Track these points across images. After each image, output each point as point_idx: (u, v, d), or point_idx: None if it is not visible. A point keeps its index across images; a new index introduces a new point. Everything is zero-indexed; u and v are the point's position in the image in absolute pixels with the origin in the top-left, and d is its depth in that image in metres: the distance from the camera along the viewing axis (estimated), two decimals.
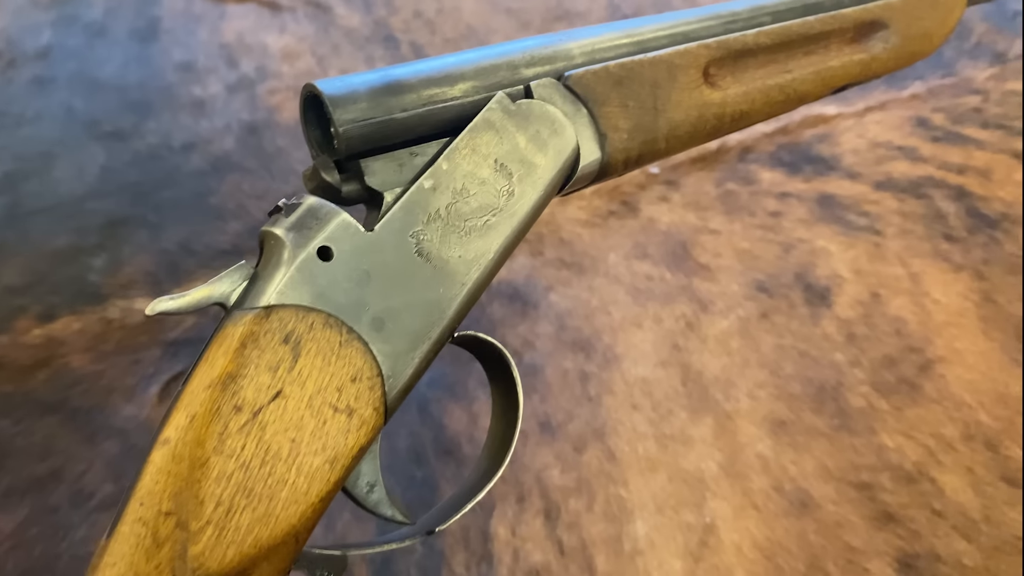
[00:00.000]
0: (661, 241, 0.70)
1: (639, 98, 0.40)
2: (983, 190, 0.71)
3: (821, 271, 0.67)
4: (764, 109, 0.44)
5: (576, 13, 0.87)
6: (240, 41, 0.86)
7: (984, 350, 0.63)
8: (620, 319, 0.66)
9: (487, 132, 0.36)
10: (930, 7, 0.48)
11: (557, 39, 0.40)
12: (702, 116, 0.42)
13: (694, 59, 0.41)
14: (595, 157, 0.39)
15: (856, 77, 0.47)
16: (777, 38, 0.44)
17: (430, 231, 0.33)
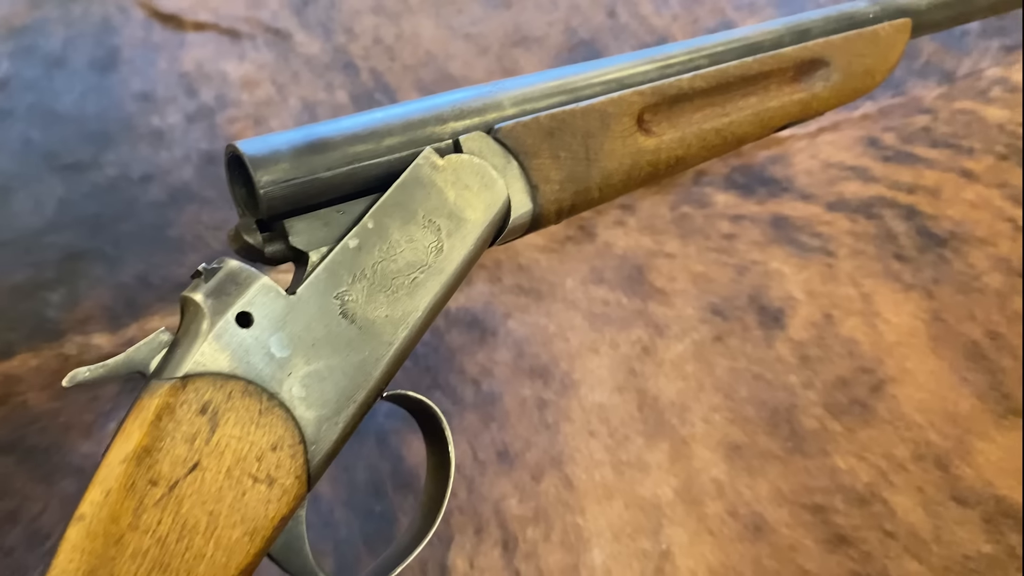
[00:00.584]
0: (617, 265, 0.70)
1: (571, 148, 0.39)
2: (933, 209, 0.71)
3: (775, 293, 0.67)
4: (701, 153, 0.44)
5: (534, 38, 0.87)
6: (200, 70, 0.85)
7: (934, 369, 0.63)
8: (577, 345, 0.65)
9: (415, 188, 0.35)
10: (871, 44, 0.48)
11: (488, 90, 0.39)
12: (636, 164, 0.41)
13: (627, 107, 0.41)
14: (527, 209, 0.38)
15: (796, 116, 0.46)
16: (714, 81, 0.43)
17: (355, 291, 0.33)
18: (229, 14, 0.91)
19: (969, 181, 0.73)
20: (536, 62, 0.85)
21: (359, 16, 0.90)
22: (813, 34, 0.46)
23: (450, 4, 0.91)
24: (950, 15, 0.52)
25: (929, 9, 0.50)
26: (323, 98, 0.83)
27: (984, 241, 0.69)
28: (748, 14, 0.87)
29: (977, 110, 0.77)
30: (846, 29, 0.47)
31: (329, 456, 0.31)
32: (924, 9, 0.50)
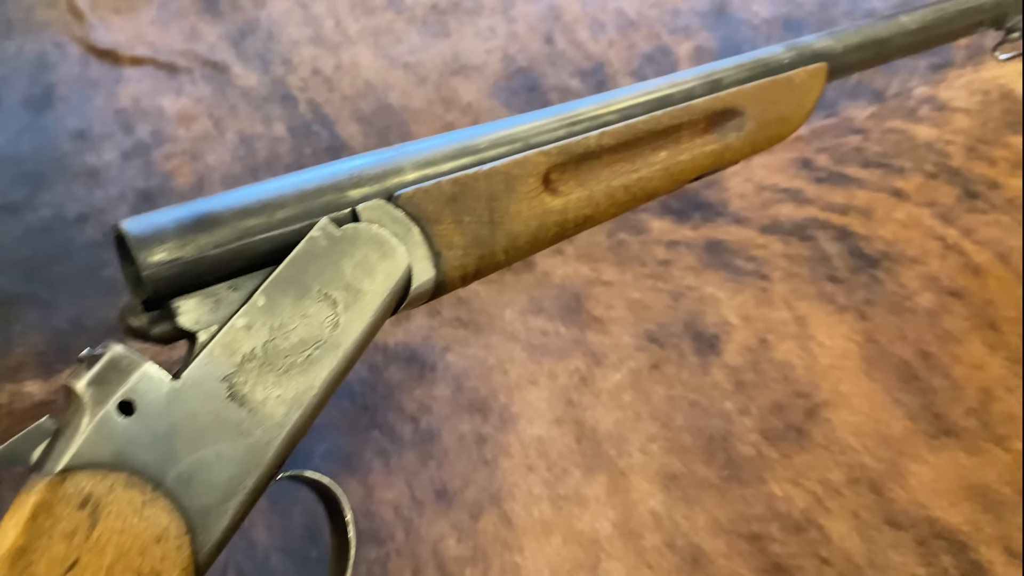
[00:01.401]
0: (556, 295, 0.69)
1: (475, 212, 0.38)
2: (865, 229, 0.71)
3: (710, 319, 0.67)
4: (610, 211, 0.42)
5: (472, 66, 0.86)
6: (136, 105, 0.83)
7: (867, 391, 0.62)
8: (516, 377, 0.64)
9: (309, 261, 0.33)
10: (786, 91, 0.46)
11: (389, 155, 0.38)
12: (543, 225, 0.40)
13: (533, 167, 0.39)
14: (429, 276, 0.37)
15: (709, 168, 0.45)
16: (622, 137, 0.42)
17: (245, 373, 0.31)
18: (167, 48, 0.89)
19: (900, 200, 0.73)
20: (475, 90, 0.84)
21: (297, 47, 0.89)
22: (725, 83, 0.45)
23: (389, 33, 0.90)
24: (866, 57, 0.51)
25: (845, 52, 0.49)
26: (260, 131, 0.81)
27: (915, 260, 0.69)
28: (683, 38, 0.87)
29: (907, 129, 0.78)
30: (760, 76, 0.46)
31: (219, 544, 0.30)
32: (840, 52, 0.49)
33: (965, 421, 0.61)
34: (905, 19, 0.52)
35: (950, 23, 0.54)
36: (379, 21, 0.91)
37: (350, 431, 0.62)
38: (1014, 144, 0.76)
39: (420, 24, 0.90)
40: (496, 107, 0.83)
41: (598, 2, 0.90)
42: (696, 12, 0.88)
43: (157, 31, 0.91)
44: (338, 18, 0.91)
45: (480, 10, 0.91)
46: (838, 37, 0.50)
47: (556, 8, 0.90)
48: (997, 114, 0.78)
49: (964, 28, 0.55)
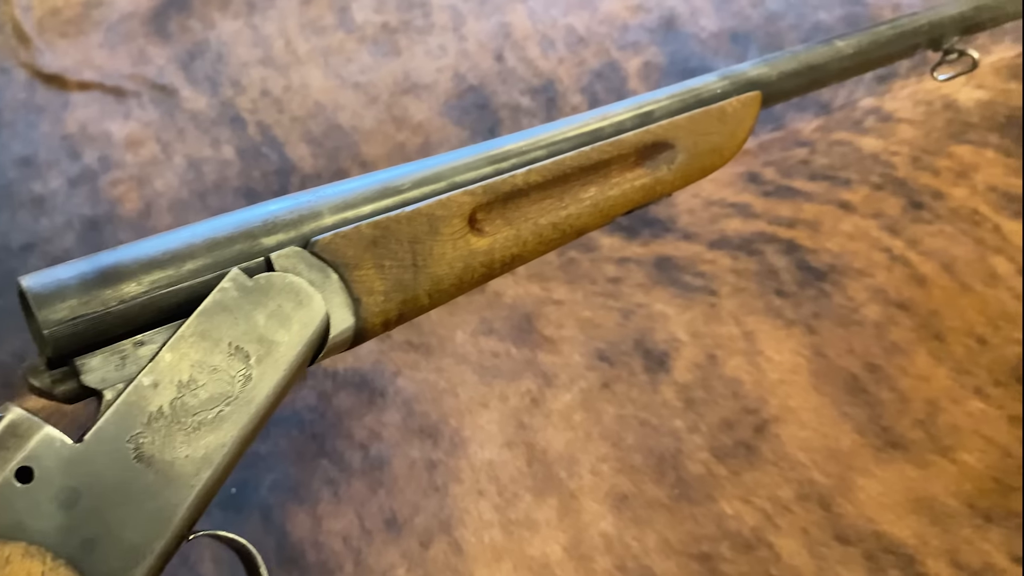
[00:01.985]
0: (507, 315, 0.68)
1: (397, 256, 0.37)
2: (812, 242, 0.70)
3: (659, 336, 0.66)
4: (538, 249, 0.41)
5: (423, 85, 0.85)
6: (83, 131, 0.82)
7: (816, 406, 0.62)
8: (467, 400, 0.63)
9: (219, 314, 0.32)
10: (719, 121, 0.45)
11: (306, 199, 0.36)
12: (468, 266, 0.39)
13: (458, 208, 0.38)
14: (348, 325, 0.35)
15: (639, 203, 0.44)
16: (550, 174, 0.41)
17: (151, 432, 0.29)
18: (114, 72, 0.87)
19: (847, 212, 0.72)
20: (426, 109, 0.83)
21: (247, 68, 0.87)
22: (657, 115, 0.44)
23: (339, 53, 0.88)
24: (801, 83, 0.50)
25: (780, 79, 0.48)
26: (209, 154, 0.80)
27: (862, 272, 0.69)
28: (632, 54, 0.86)
29: (853, 141, 0.77)
30: (693, 107, 0.45)
31: None
32: (774, 80, 0.48)
33: (912, 433, 0.60)
34: (841, 44, 0.51)
35: (887, 47, 0.53)
36: (329, 41, 0.89)
37: (298, 460, 0.60)
38: (957, 154, 0.76)
39: (370, 43, 0.89)
40: (447, 125, 0.82)
41: (548, 19, 0.90)
42: (645, 28, 0.88)
43: (105, 55, 0.89)
44: (288, 38, 0.90)
45: (431, 28, 0.90)
46: (772, 64, 0.49)
47: (506, 25, 0.89)
48: (940, 124, 0.78)
49: (901, 51, 0.54)
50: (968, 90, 0.81)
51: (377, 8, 0.92)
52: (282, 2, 0.93)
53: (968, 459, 0.59)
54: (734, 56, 0.85)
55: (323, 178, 0.78)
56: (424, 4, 0.92)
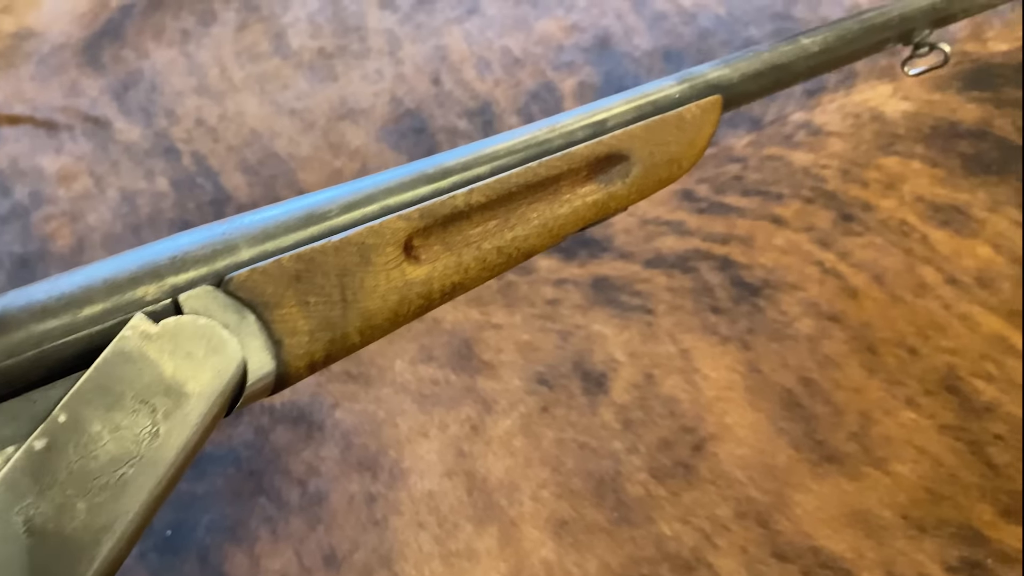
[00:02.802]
0: (446, 341, 0.66)
1: (323, 292, 0.33)
2: (746, 258, 0.70)
3: (597, 357, 0.65)
4: (482, 275, 0.37)
5: (360, 110, 0.83)
6: (14, 166, 0.79)
7: (752, 422, 0.61)
8: (407, 430, 0.62)
9: (121, 365, 0.28)
10: (676, 129, 0.41)
11: (221, 231, 0.32)
12: (404, 298, 0.35)
13: (391, 235, 0.34)
14: (268, 370, 0.31)
15: (591, 220, 0.40)
16: (494, 193, 0.37)
17: (45, 502, 0.26)
18: (46, 104, 0.85)
19: (779, 227, 0.72)
20: (363, 134, 0.82)
21: (181, 98, 0.85)
22: (610, 125, 0.40)
23: (275, 79, 0.86)
24: (765, 84, 0.46)
25: (742, 81, 0.44)
26: (143, 187, 0.78)
27: (795, 286, 0.68)
28: (568, 74, 0.85)
29: (784, 155, 0.77)
30: (649, 115, 0.41)
31: None
32: (736, 82, 0.44)
33: (846, 446, 0.60)
34: (806, 41, 0.47)
35: (855, 42, 0.49)
36: (265, 67, 0.87)
37: (235, 499, 0.59)
38: (885, 165, 0.76)
39: (307, 69, 0.87)
40: (384, 150, 0.80)
41: (484, 41, 0.89)
42: (579, 48, 0.87)
43: (36, 87, 0.86)
44: (223, 66, 0.88)
45: (367, 53, 0.88)
46: (734, 66, 0.45)
47: (443, 48, 0.88)
48: (869, 136, 0.78)
49: (870, 46, 0.50)
50: (894, 102, 0.81)
51: (313, 33, 0.90)
52: (217, 29, 0.91)
53: (901, 470, 0.59)
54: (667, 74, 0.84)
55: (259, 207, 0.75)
56: (360, 28, 0.90)
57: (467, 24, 0.90)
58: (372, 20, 0.91)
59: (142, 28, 0.92)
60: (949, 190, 0.74)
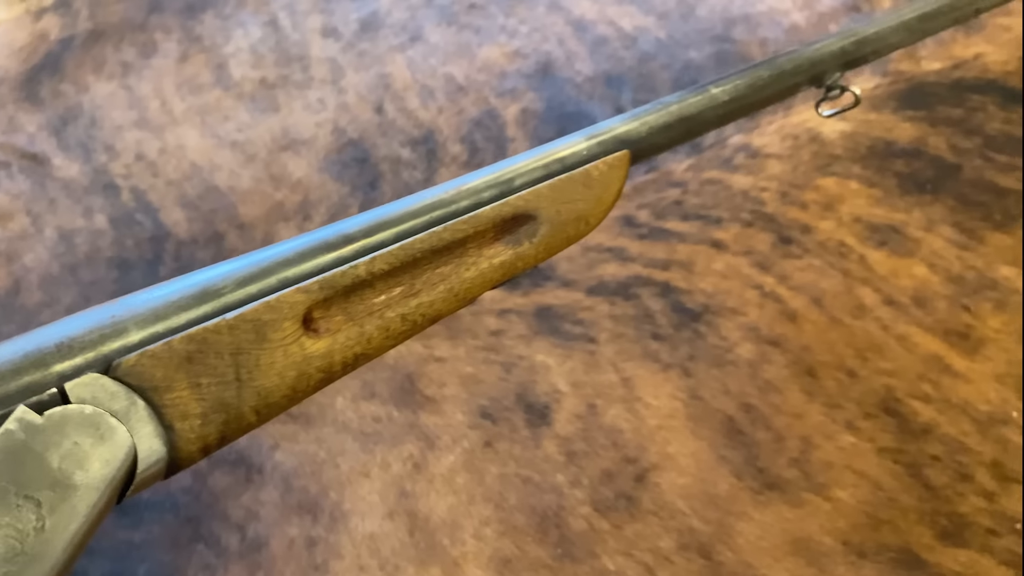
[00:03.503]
0: (388, 377, 0.65)
1: (217, 372, 0.31)
2: (686, 283, 0.69)
3: (541, 388, 0.64)
4: (386, 344, 0.36)
5: (302, 141, 0.81)
6: None
7: (694, 450, 0.61)
8: (348, 470, 0.60)
9: (5, 461, 0.27)
10: (584, 187, 0.40)
11: (109, 314, 0.31)
12: (303, 374, 0.33)
13: (289, 309, 0.33)
14: (159, 457, 0.30)
15: (498, 281, 0.39)
16: (398, 260, 0.35)
17: None
18: None
19: (719, 251, 0.71)
20: (305, 165, 0.80)
21: (121, 132, 0.83)
22: (518, 185, 0.39)
23: (216, 111, 0.84)
24: (674, 136, 0.45)
25: (650, 134, 0.43)
26: (81, 225, 0.75)
27: (735, 311, 0.68)
28: (511, 100, 0.84)
29: (724, 179, 0.77)
30: (557, 173, 0.40)
31: None
32: (644, 136, 0.43)
33: (787, 472, 0.59)
34: (716, 91, 0.46)
35: (766, 88, 0.48)
36: (206, 99, 0.85)
37: (173, 547, 0.56)
38: (823, 186, 0.75)
39: (248, 100, 0.85)
40: (327, 182, 0.78)
41: (427, 68, 0.87)
42: (522, 74, 0.86)
43: None
44: (164, 98, 0.85)
45: (310, 82, 0.86)
46: (642, 119, 0.44)
47: (386, 76, 0.87)
48: (807, 158, 0.78)
49: (782, 91, 0.49)
50: (832, 122, 0.81)
51: (255, 63, 0.88)
52: (158, 61, 0.89)
53: (841, 495, 0.58)
54: (609, 99, 0.83)
55: (199, 243, 0.74)
56: (303, 58, 0.89)
57: (410, 52, 0.89)
58: (315, 49, 0.89)
59: (82, 61, 0.89)
60: (886, 210, 0.74)
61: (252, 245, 0.73)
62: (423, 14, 0.92)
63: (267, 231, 0.74)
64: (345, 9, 0.93)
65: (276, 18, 0.92)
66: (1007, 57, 0.89)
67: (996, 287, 0.68)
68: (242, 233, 0.74)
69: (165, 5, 0.94)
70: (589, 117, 0.82)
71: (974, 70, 0.88)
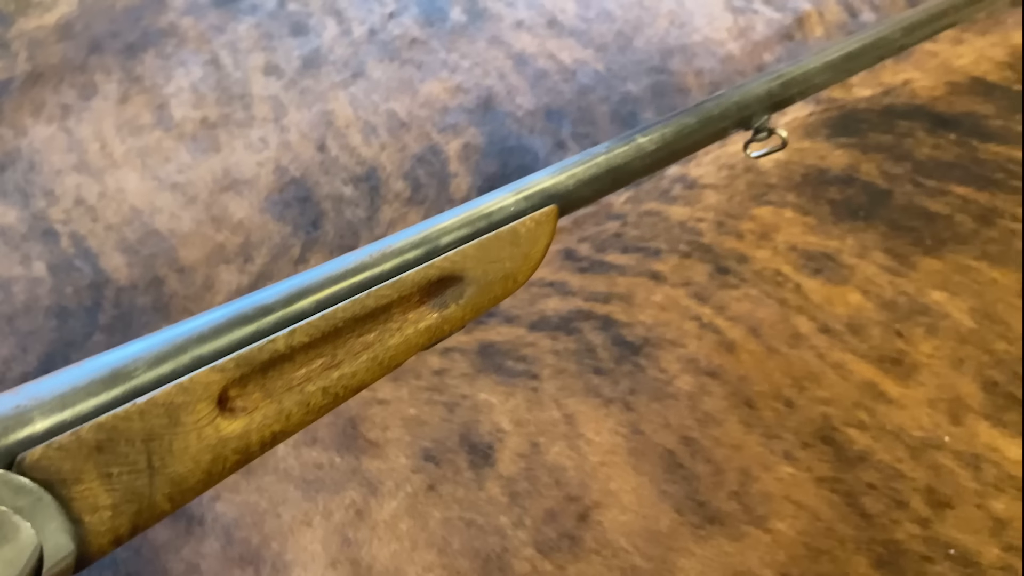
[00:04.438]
0: (331, 421, 0.63)
1: (128, 460, 0.29)
2: (626, 316, 0.69)
3: (484, 427, 0.63)
4: (306, 420, 0.34)
5: (244, 181, 0.80)
6: None
7: (635, 486, 0.60)
8: (290, 520, 0.58)
9: None
10: (511, 244, 0.39)
11: (11, 403, 0.28)
12: (218, 456, 0.31)
13: (204, 390, 0.31)
14: (66, 553, 0.28)
15: (424, 346, 0.37)
16: (319, 332, 0.33)
17: None
18: None
19: (658, 283, 0.71)
20: (247, 206, 0.78)
21: (60, 176, 0.80)
22: (444, 244, 0.37)
23: (157, 153, 0.82)
24: (602, 187, 0.44)
25: (577, 187, 0.43)
26: (19, 273, 0.73)
27: (674, 343, 0.67)
28: (452, 136, 0.83)
29: (662, 210, 0.76)
30: (484, 231, 0.39)
31: None
32: (572, 189, 0.42)
33: (727, 505, 0.59)
34: (643, 140, 0.45)
35: (694, 134, 0.47)
36: (147, 140, 0.83)
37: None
38: (759, 216, 0.75)
39: (189, 140, 0.83)
40: (268, 222, 0.77)
41: (370, 104, 0.86)
42: (464, 109, 0.85)
43: None
44: (104, 141, 0.83)
45: (251, 121, 0.85)
46: (569, 172, 0.43)
47: (328, 114, 0.85)
48: (743, 187, 0.78)
49: (710, 135, 0.49)
50: None
51: (196, 103, 0.86)
52: (98, 103, 0.87)
53: (780, 526, 0.58)
54: (549, 133, 0.83)
55: (138, 289, 0.72)
56: (245, 96, 0.87)
57: (352, 88, 0.88)
58: (256, 87, 0.88)
59: (20, 104, 0.87)
60: (820, 237, 0.74)
61: (192, 289, 0.71)
62: (365, 50, 0.91)
63: (208, 274, 0.73)
64: (287, 47, 0.91)
65: (218, 56, 0.90)
66: (934, 83, 0.91)
67: (927, 312, 0.69)
68: (182, 277, 0.72)
69: (105, 46, 0.92)
70: (530, 151, 0.81)
71: (903, 96, 0.89)
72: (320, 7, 0.95)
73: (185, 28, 0.93)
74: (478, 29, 0.92)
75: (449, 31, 0.92)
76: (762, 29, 0.93)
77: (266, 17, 0.93)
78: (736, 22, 0.94)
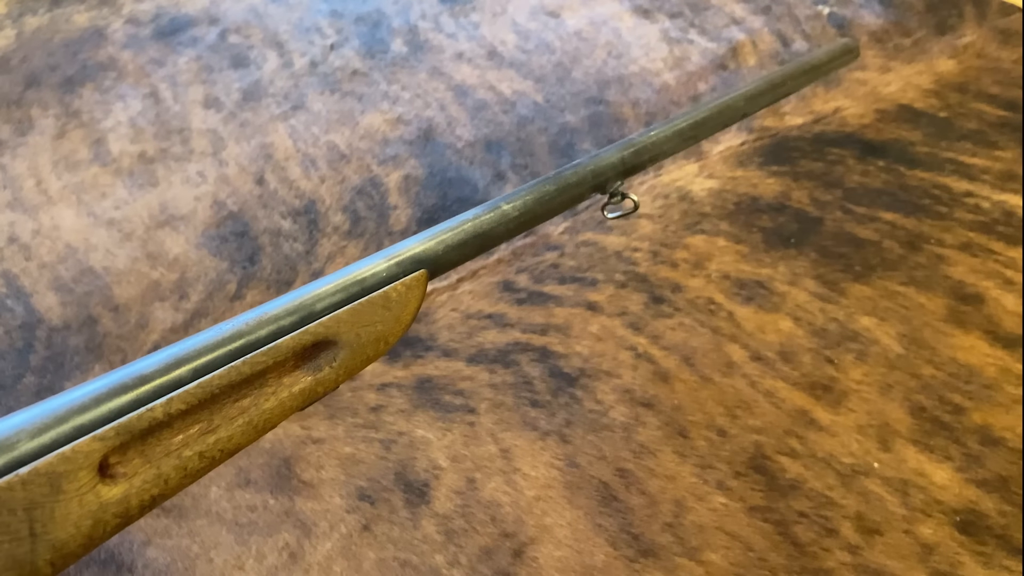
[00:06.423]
0: (265, 462, 0.61)
1: (9, 529, 0.29)
2: (563, 347, 0.68)
3: (420, 464, 0.61)
4: (183, 483, 0.34)
5: (180, 216, 0.77)
6: None
7: (571, 520, 0.59)
8: (222, 564, 0.56)
9: None
10: (383, 308, 0.40)
11: None
12: (99, 521, 0.31)
13: (85, 458, 0.31)
14: None
15: (298, 408, 0.37)
16: (195, 399, 0.34)
17: None
18: None
19: (594, 314, 0.70)
20: (183, 242, 0.76)
21: None
22: (319, 310, 0.38)
23: (93, 189, 0.80)
24: (468, 252, 0.46)
25: (446, 252, 0.44)
26: None
27: (609, 374, 0.66)
28: (392, 167, 0.82)
29: (598, 240, 0.76)
30: (356, 297, 0.40)
31: None
32: (441, 254, 0.44)
33: (661, 537, 0.58)
34: (507, 207, 0.47)
35: (553, 200, 0.49)
36: (83, 176, 0.81)
37: None
38: (693, 244, 0.75)
39: (126, 176, 0.81)
40: (205, 258, 0.75)
41: (310, 137, 0.84)
42: (404, 140, 0.84)
43: None
44: (39, 177, 0.80)
45: (190, 155, 0.83)
46: (439, 239, 0.45)
47: (267, 146, 0.83)
48: (677, 216, 0.77)
49: (569, 200, 0.50)
50: (701, 180, 0.81)
51: (134, 137, 0.84)
52: (34, 138, 0.84)
53: (713, 558, 0.57)
54: (489, 164, 0.82)
55: (71, 329, 0.69)
56: (184, 130, 0.85)
57: (292, 120, 0.86)
58: (196, 120, 0.85)
59: None
60: (752, 265, 0.74)
61: (126, 328, 0.69)
62: (306, 82, 0.89)
63: (142, 312, 0.70)
64: (227, 79, 0.89)
65: (157, 90, 0.88)
66: (864, 110, 0.91)
67: (857, 338, 0.69)
68: (116, 316, 0.70)
69: (43, 79, 0.89)
70: (470, 183, 0.80)
71: (834, 124, 0.89)
72: (261, 39, 0.93)
73: (124, 61, 0.91)
74: (419, 61, 0.91)
75: (390, 63, 0.91)
76: (697, 59, 0.93)
77: (206, 50, 0.91)
78: (672, 52, 0.94)
